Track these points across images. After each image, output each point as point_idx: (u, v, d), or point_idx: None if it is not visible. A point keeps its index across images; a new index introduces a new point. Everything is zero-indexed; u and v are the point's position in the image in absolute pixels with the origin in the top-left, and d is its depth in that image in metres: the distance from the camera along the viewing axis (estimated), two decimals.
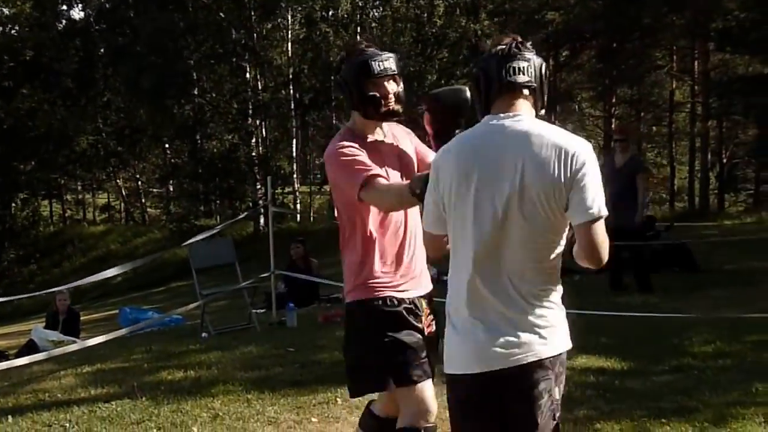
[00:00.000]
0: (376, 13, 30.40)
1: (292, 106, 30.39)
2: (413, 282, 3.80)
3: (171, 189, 34.72)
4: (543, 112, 2.97)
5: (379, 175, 3.57)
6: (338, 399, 6.17)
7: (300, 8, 29.93)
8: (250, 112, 30.26)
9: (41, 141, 33.09)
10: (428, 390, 3.71)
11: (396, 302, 3.70)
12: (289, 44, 30.67)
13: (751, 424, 5.28)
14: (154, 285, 25.21)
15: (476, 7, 28.26)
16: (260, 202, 29.84)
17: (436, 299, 3.82)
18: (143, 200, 40.59)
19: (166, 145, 34.27)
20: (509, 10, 28.83)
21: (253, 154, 30.58)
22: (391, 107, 3.67)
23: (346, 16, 29.88)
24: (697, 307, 9.34)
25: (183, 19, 29.27)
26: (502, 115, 2.86)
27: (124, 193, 41.34)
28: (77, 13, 37.64)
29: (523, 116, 2.85)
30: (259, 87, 30.50)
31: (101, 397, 6.53)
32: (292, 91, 30.37)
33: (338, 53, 29.76)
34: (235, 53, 29.95)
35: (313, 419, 5.80)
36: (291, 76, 30.26)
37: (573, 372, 6.84)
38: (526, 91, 2.87)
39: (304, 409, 6.00)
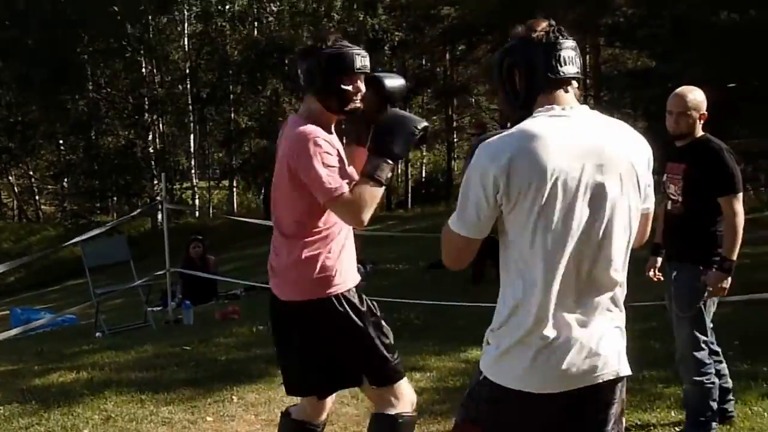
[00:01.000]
0: (273, 8, 30.19)
1: (189, 101, 30.01)
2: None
3: (66, 186, 33.95)
4: None
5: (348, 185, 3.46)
6: (233, 397, 6.17)
7: (196, 2, 29.57)
8: (147, 107, 29.79)
9: None
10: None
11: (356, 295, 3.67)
12: (186, 39, 30.29)
13: (638, 411, 5.47)
14: (49, 284, 24.61)
15: (373, 2, 28.33)
16: (158, 198, 29.47)
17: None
18: (37, 197, 39.58)
19: (60, 141, 33.43)
20: (405, 5, 29.04)
21: (150, 149, 30.12)
22: (356, 105, 3.58)
23: (242, 10, 29.68)
24: None
25: (75, 12, 28.60)
26: (559, 108, 2.58)
27: (16, 190, 40.23)
28: None
29: (583, 109, 2.62)
30: (156, 82, 30.05)
31: None
32: (189, 86, 29.99)
33: (235, 48, 29.57)
34: (130, 47, 29.42)
35: (208, 418, 5.77)
36: (188, 71, 29.89)
37: (467, 365, 6.98)
38: (575, 83, 2.64)
39: (199, 408, 5.97)
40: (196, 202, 31.57)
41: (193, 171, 31.64)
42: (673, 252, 5.07)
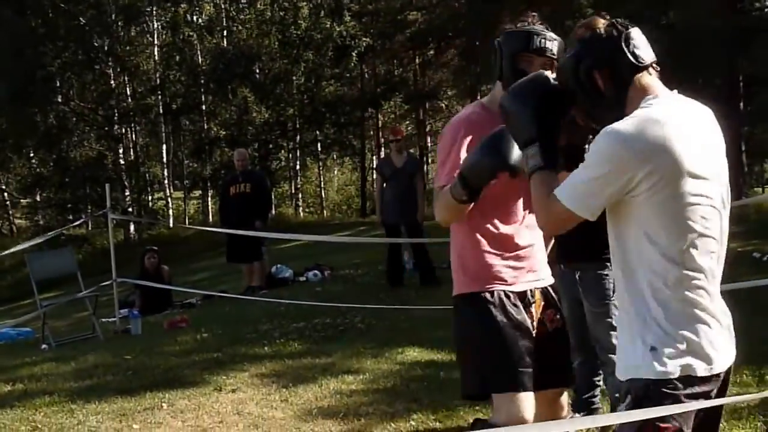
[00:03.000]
0: (241, 16, 30.21)
1: (161, 111, 29.97)
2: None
3: (38, 199, 33.82)
4: None
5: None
6: (164, 404, 6.17)
7: (164, 13, 29.55)
8: (117, 118, 29.73)
9: None
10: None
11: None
12: (156, 49, 30.26)
13: None
14: (21, 298, 24.51)
15: (340, 9, 28.39)
16: (129, 207, 29.42)
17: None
18: (10, 212, 39.39)
19: (31, 154, 33.30)
20: (373, 11, 29.11)
21: (122, 161, 30.05)
22: None
23: (210, 19, 29.70)
24: None
25: (42, 25, 28.52)
26: (659, 94, 2.56)
27: None
28: None
29: (675, 93, 2.60)
30: (128, 93, 30.00)
31: None
32: (160, 96, 29.94)
33: (205, 56, 29.57)
34: (98, 59, 29.36)
35: (135, 426, 5.78)
36: (158, 81, 29.85)
37: (402, 366, 7.02)
38: (656, 65, 2.60)
39: (127, 416, 5.97)
40: (170, 212, 31.46)
41: (166, 181, 31.56)
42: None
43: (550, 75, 2.82)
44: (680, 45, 13.75)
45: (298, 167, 32.27)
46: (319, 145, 32.24)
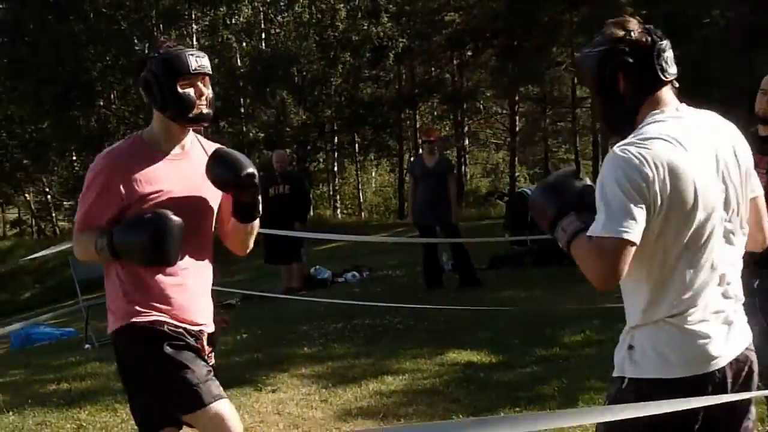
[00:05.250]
0: (279, 19, 30.37)
1: None
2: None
3: None
4: None
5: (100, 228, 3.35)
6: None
7: (202, 16, 29.79)
8: None
9: None
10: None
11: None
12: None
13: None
14: (64, 299, 24.79)
15: (377, 10, 28.44)
16: None
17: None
18: (53, 213, 39.91)
19: (74, 157, 33.70)
20: (410, 12, 29.12)
21: None
22: (202, 110, 3.33)
23: (248, 22, 29.87)
24: (578, 298, 9.58)
25: (84, 31, 28.90)
26: (673, 109, 2.58)
27: (33, 206, 40.59)
28: None
29: (689, 108, 2.62)
30: None
31: None
32: None
33: (243, 59, 29.75)
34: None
35: None
36: None
37: (441, 367, 7.03)
38: (675, 83, 2.61)
39: None
40: None
41: None
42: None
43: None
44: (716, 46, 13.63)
45: (335, 169, 32.36)
46: (356, 146, 32.33)
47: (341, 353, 7.70)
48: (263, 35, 30.47)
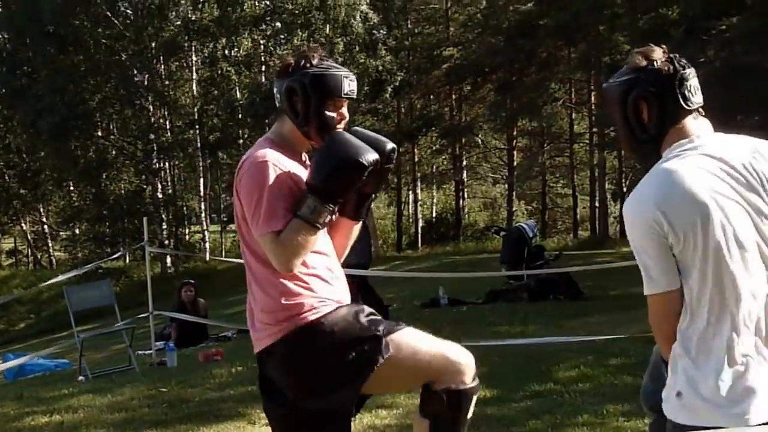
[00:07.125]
0: (279, 51, 30.50)
1: (199, 145, 30.27)
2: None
3: (77, 232, 34.19)
4: None
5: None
6: None
7: (203, 48, 29.95)
8: (155, 152, 30.08)
9: None
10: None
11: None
12: (194, 84, 30.63)
13: None
14: (59, 330, 24.72)
15: (374, 44, 28.57)
16: (166, 240, 29.65)
17: None
18: (50, 243, 39.87)
19: (71, 187, 33.75)
20: (409, 46, 29.30)
21: (159, 194, 30.36)
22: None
23: (247, 54, 30.03)
24: (573, 332, 9.57)
25: (84, 61, 29.03)
26: (695, 138, 2.56)
27: (29, 236, 40.56)
28: None
29: (713, 135, 2.59)
30: (167, 127, 30.36)
31: None
32: (198, 131, 30.26)
33: (242, 91, 29.86)
34: (138, 94, 29.77)
35: None
36: (196, 116, 30.18)
37: None
38: (701, 111, 2.62)
39: None
40: (207, 245, 31.68)
41: (203, 215, 31.80)
42: None
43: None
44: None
45: None
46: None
47: None
48: (263, 67, 30.59)
